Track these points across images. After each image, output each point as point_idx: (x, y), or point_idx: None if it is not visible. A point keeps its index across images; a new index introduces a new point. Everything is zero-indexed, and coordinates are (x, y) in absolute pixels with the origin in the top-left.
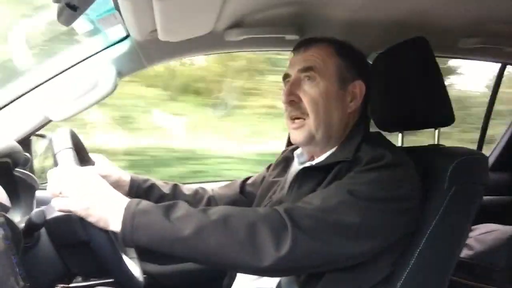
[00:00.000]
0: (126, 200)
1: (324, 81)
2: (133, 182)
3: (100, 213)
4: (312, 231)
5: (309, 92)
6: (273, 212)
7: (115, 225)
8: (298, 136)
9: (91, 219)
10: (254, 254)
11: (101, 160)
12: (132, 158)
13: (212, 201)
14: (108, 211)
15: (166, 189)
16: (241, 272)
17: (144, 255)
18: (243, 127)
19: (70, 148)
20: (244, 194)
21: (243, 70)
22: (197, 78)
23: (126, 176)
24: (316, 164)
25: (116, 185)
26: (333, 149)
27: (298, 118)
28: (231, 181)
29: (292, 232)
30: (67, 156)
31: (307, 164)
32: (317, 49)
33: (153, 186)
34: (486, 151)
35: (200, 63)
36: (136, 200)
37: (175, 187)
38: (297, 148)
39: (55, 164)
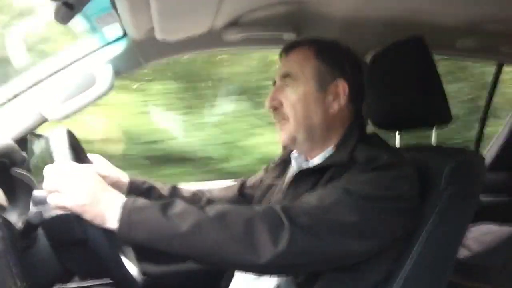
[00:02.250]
0: (122, 197)
1: (302, 85)
2: (131, 184)
3: (97, 210)
4: (309, 228)
5: (289, 97)
6: (270, 209)
7: (112, 222)
8: (282, 138)
9: (87, 215)
10: (252, 250)
11: (99, 161)
12: None
13: (210, 203)
14: (105, 208)
15: (164, 191)
16: (239, 270)
17: (141, 254)
18: None
19: (67, 146)
20: (243, 196)
21: None
22: None
23: (124, 178)
24: (312, 166)
25: (115, 186)
26: (330, 151)
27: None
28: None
29: (289, 228)
30: (64, 154)
31: (304, 166)
32: (295, 53)
33: (151, 188)
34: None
35: None
36: (133, 197)
37: (174, 189)
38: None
39: (52, 162)
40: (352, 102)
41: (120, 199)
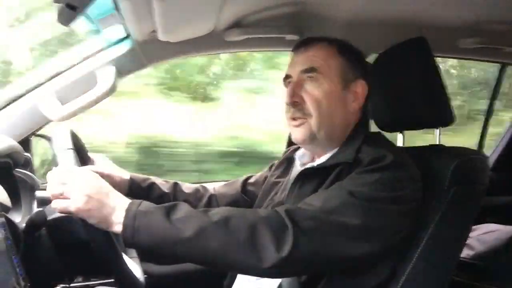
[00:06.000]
0: (127, 201)
1: (328, 81)
2: (132, 182)
3: (101, 215)
4: (313, 232)
5: (312, 93)
6: (274, 213)
7: (117, 227)
8: (299, 135)
9: (92, 220)
10: (256, 255)
11: (101, 160)
12: None
13: (213, 199)
14: (109, 212)
15: (166, 187)
16: (242, 274)
17: (145, 255)
18: None
19: (71, 148)
20: (246, 193)
21: None
22: None
23: (126, 175)
24: (317, 165)
25: (116, 184)
26: (335, 150)
27: (299, 118)
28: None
29: (293, 233)
30: (68, 156)
31: (309, 165)
32: (318, 49)
33: (153, 185)
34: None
35: None
36: (137, 201)
37: (175, 185)
38: (298, 148)
39: (56, 164)
40: (365, 103)
41: (124, 203)
